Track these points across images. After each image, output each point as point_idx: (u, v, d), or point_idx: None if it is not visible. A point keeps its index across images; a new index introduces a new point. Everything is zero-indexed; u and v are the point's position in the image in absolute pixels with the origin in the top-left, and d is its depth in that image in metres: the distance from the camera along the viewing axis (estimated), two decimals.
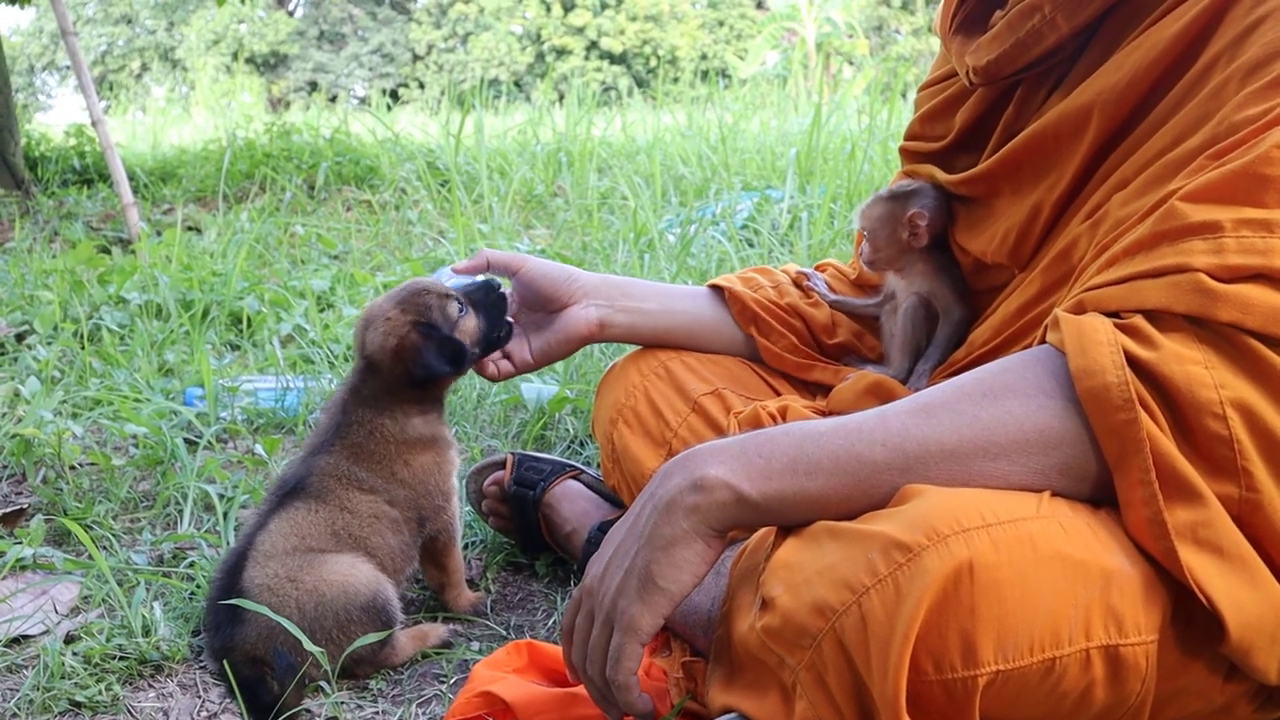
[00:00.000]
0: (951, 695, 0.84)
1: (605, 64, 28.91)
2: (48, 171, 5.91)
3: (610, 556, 1.00)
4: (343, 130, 6.11)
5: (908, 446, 0.91)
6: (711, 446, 0.97)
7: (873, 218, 1.42)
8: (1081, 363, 0.88)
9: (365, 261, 3.82)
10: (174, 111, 12.38)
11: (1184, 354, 0.86)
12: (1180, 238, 0.90)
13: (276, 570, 1.33)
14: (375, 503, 1.43)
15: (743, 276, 1.57)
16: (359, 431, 1.44)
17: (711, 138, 5.01)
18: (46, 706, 1.29)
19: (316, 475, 1.42)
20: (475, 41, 30.11)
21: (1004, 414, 0.90)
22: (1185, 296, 0.88)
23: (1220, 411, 0.85)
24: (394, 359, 1.41)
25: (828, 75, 10.83)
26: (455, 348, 1.42)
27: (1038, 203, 1.20)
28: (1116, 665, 0.85)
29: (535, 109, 6.76)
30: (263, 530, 1.38)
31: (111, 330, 2.84)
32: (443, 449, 1.49)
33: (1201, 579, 0.84)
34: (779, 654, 0.88)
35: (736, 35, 28.84)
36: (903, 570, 0.82)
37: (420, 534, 1.48)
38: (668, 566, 0.94)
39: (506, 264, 1.46)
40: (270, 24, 30.94)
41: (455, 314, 1.44)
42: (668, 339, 1.52)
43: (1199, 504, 0.85)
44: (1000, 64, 1.21)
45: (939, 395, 0.95)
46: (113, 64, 31.57)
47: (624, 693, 0.98)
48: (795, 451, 0.93)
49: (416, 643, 1.43)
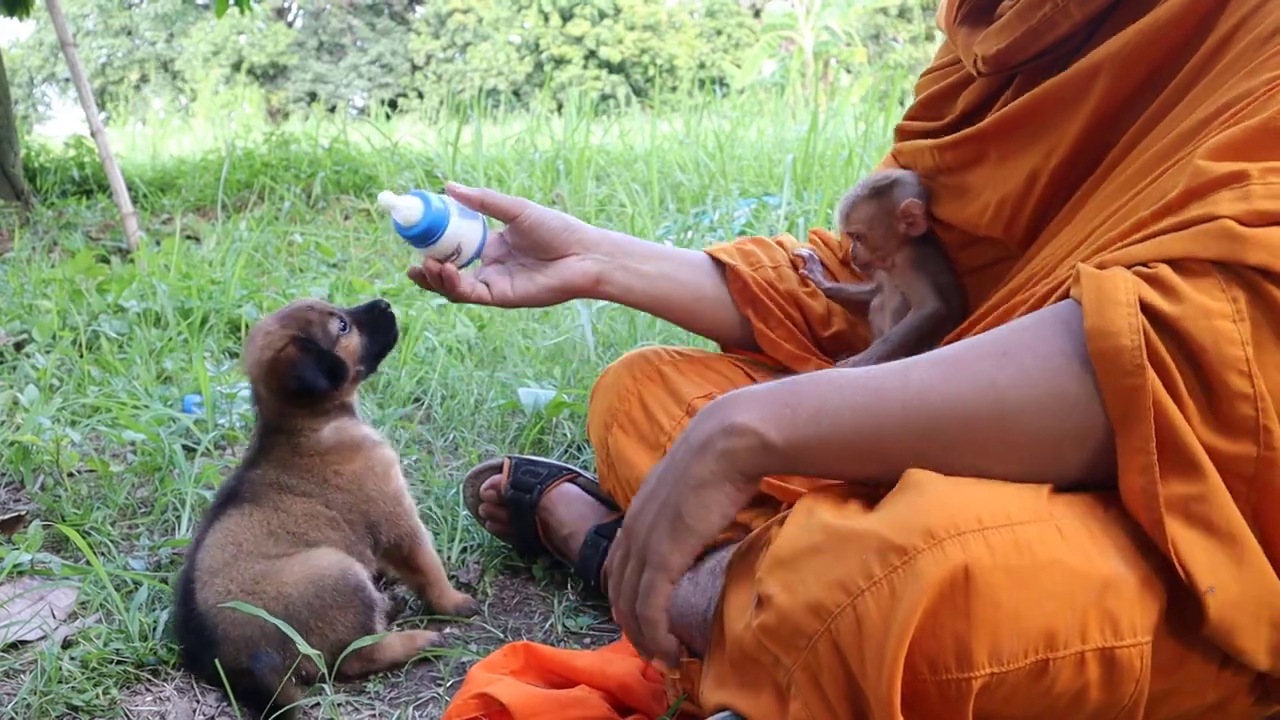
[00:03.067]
0: (945, 697, 0.84)
1: (604, 73, 28.97)
2: (47, 182, 5.92)
3: (648, 495, 1.02)
4: (341, 140, 6.12)
5: (924, 407, 0.91)
6: (745, 392, 0.98)
7: (862, 219, 1.39)
8: (1097, 322, 0.86)
9: (364, 269, 3.82)
10: (173, 122, 12.41)
11: (1211, 307, 0.84)
12: (1207, 191, 0.88)
13: (224, 585, 1.33)
14: (311, 504, 1.42)
15: (743, 250, 1.54)
16: (282, 449, 1.45)
17: (709, 145, 5.02)
18: (44, 711, 1.29)
19: (248, 484, 1.43)
20: (474, 51, 30.19)
21: (1020, 375, 0.89)
22: (1212, 242, 0.86)
23: (1245, 369, 0.83)
24: (269, 373, 1.42)
25: (824, 83, 10.85)
26: (333, 363, 1.43)
27: (1033, 171, 1.17)
28: (1111, 667, 0.85)
29: (534, 118, 6.77)
30: (201, 548, 1.38)
31: (110, 338, 2.84)
32: (369, 450, 1.48)
33: (1185, 554, 0.83)
34: (774, 653, 0.89)
35: (734, 44, 28.91)
36: (898, 574, 0.82)
37: (373, 539, 1.47)
38: (697, 506, 0.96)
39: (504, 209, 1.37)
40: (269, 35, 31.02)
41: (336, 331, 1.46)
42: (662, 307, 1.48)
43: (1196, 478, 0.84)
44: (1010, 52, 1.19)
45: (960, 353, 0.93)
46: (113, 75, 31.66)
47: (651, 628, 1.00)
48: (820, 403, 0.93)
49: (406, 643, 1.43)
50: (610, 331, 2.63)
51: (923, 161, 1.37)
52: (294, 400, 1.44)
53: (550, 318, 2.89)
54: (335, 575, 1.35)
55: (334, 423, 1.47)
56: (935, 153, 1.34)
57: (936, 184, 1.37)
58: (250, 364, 1.45)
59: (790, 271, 1.54)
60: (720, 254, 1.51)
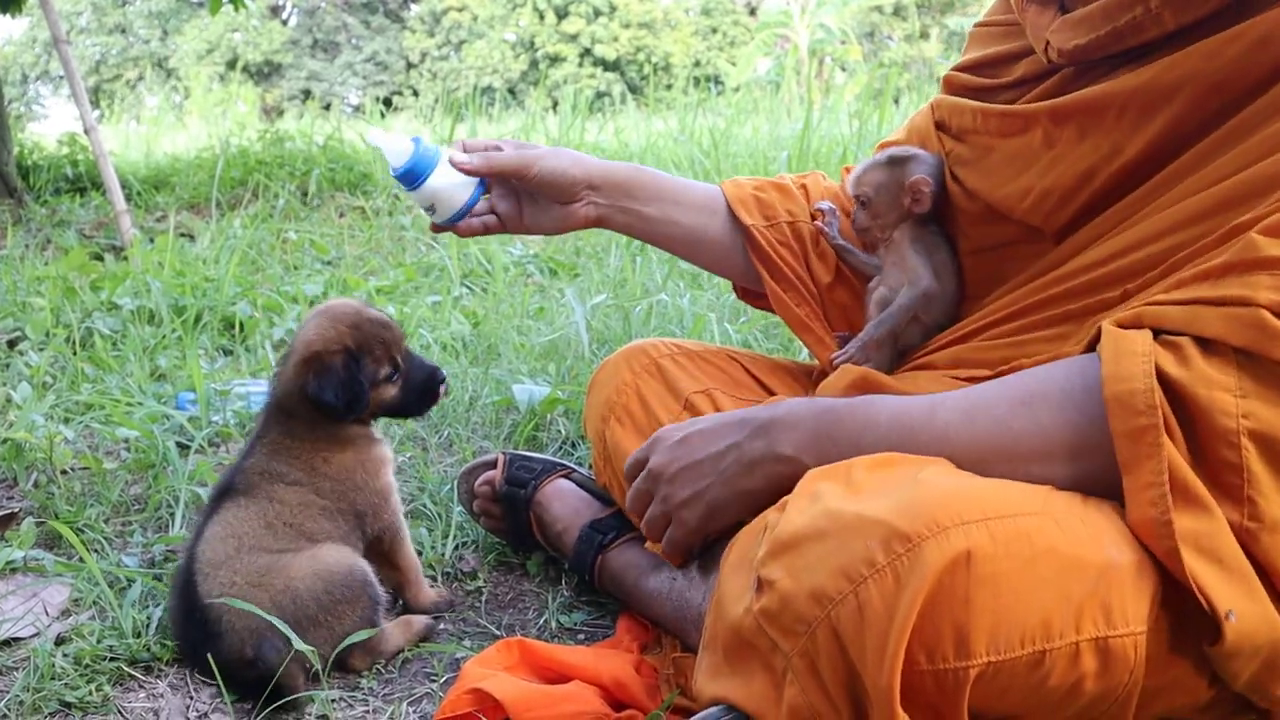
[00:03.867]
0: (942, 686, 0.84)
1: (599, 71, 28.96)
2: (40, 180, 5.89)
3: (685, 463, 1.14)
4: (336, 137, 6.11)
5: (946, 450, 0.98)
6: (792, 416, 1.08)
7: (872, 183, 1.39)
8: (1112, 369, 0.90)
9: (358, 267, 3.82)
10: (168, 120, 12.37)
11: (1215, 378, 0.87)
12: (1249, 270, 0.89)
13: (229, 578, 1.32)
14: (302, 493, 1.42)
15: (760, 199, 1.51)
16: (276, 431, 1.45)
17: (704, 143, 5.02)
18: (37, 707, 1.29)
19: (242, 475, 1.43)
20: (469, 49, 30.16)
21: (1033, 425, 0.96)
22: (1243, 330, 0.88)
23: (1236, 441, 0.87)
24: (303, 363, 1.41)
25: (819, 80, 10.85)
26: (357, 394, 1.42)
27: (1091, 169, 1.15)
28: (1106, 657, 0.86)
29: (529, 116, 6.77)
30: (201, 541, 1.37)
31: (104, 335, 2.83)
32: (363, 446, 1.48)
33: (1203, 582, 0.85)
34: (773, 638, 0.89)
35: (730, 42, 28.91)
36: (901, 561, 0.83)
37: (361, 530, 1.47)
38: (734, 505, 1.11)
39: (511, 172, 1.39)
40: (264, 33, 30.96)
41: (382, 376, 1.45)
42: (665, 245, 1.51)
43: (1205, 516, 0.86)
44: (1088, 50, 1.15)
45: (984, 397, 1.00)
46: (107, 73, 31.58)
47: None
48: (858, 439, 1.02)
49: (404, 631, 1.43)
50: (605, 328, 2.63)
51: (961, 119, 1.34)
52: (301, 401, 1.43)
53: (545, 314, 2.89)
54: (344, 571, 1.35)
55: (333, 426, 1.47)
56: (979, 115, 1.31)
57: (966, 143, 1.34)
58: (299, 341, 1.44)
59: (805, 227, 1.51)
60: (737, 206, 1.50)
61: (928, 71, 14.65)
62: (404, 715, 1.28)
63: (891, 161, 1.38)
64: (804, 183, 1.55)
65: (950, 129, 1.37)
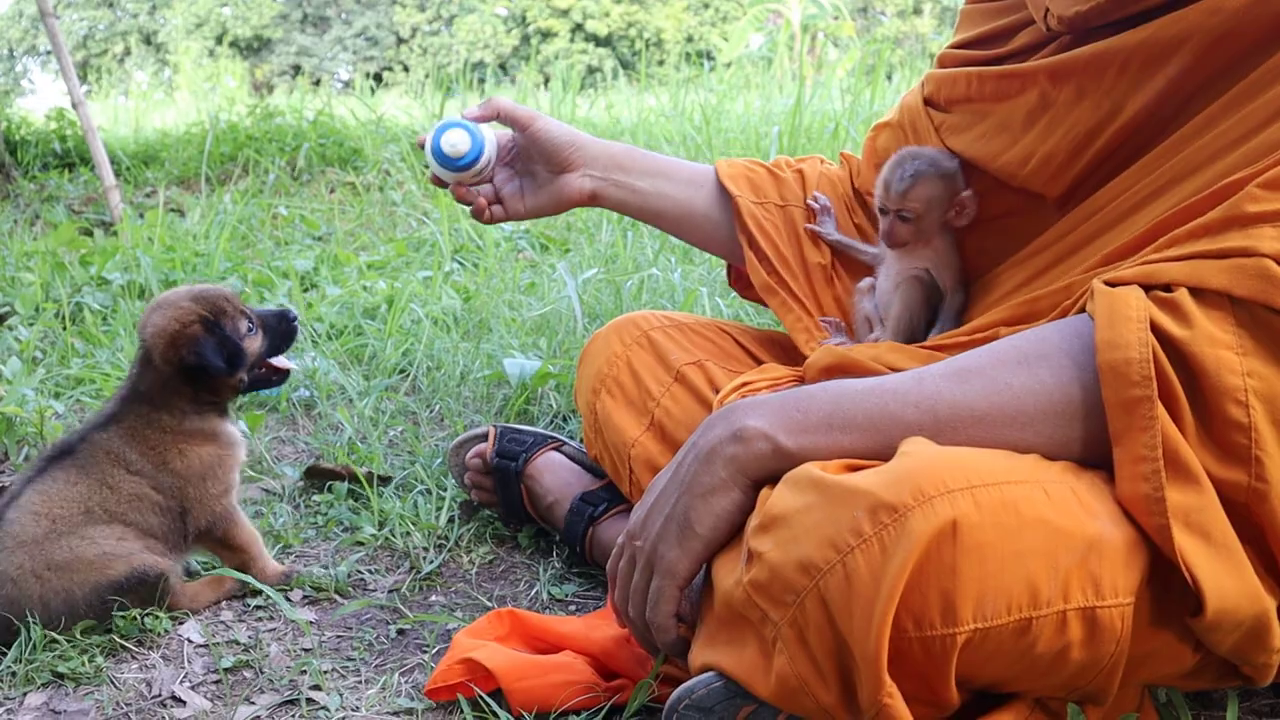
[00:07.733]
0: (930, 653, 0.85)
1: (590, 46, 28.79)
2: (28, 155, 5.85)
3: (653, 503, 1.04)
4: (326, 113, 6.07)
5: (939, 409, 0.93)
6: (753, 400, 1.01)
7: (923, 198, 1.31)
8: (1107, 335, 0.89)
9: (349, 242, 3.81)
10: (156, 95, 12.28)
11: (1217, 336, 0.87)
12: (1250, 224, 0.89)
13: (22, 561, 1.35)
14: (140, 485, 1.44)
15: (752, 180, 1.50)
16: (136, 419, 1.46)
17: (695, 119, 5.00)
18: (29, 679, 1.29)
19: (88, 445, 1.44)
20: (460, 24, 29.96)
21: (1035, 382, 0.93)
22: (1248, 280, 0.87)
23: (1243, 399, 0.86)
24: (170, 344, 1.44)
25: (812, 56, 10.80)
26: (234, 350, 1.47)
27: (1091, 129, 1.13)
28: (1093, 626, 0.86)
29: (520, 91, 6.73)
30: (14, 506, 1.39)
31: (94, 310, 2.83)
32: (225, 445, 1.52)
33: (1190, 559, 0.86)
34: (763, 608, 0.89)
35: (722, 17, 28.74)
36: (888, 530, 0.83)
37: (183, 527, 1.48)
38: (705, 514, 0.98)
39: (516, 118, 1.44)
40: (254, 7, 30.70)
41: (244, 330, 1.50)
42: (656, 221, 1.52)
43: (1196, 490, 0.86)
44: (1089, 16, 1.13)
45: (975, 360, 0.96)
46: (95, 48, 31.31)
47: (662, 633, 1.02)
48: (832, 407, 0.96)
49: (214, 588, 1.49)
50: (596, 303, 2.63)
51: (953, 89, 1.33)
52: (187, 378, 1.45)
53: (536, 289, 2.89)
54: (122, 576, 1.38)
55: (205, 414, 1.50)
56: (974, 80, 1.29)
57: (956, 112, 1.33)
58: (150, 331, 1.46)
59: (797, 212, 1.50)
60: (726, 180, 1.49)
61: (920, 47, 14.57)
62: (396, 685, 1.29)
63: (944, 175, 1.31)
64: (800, 168, 1.54)
65: (939, 102, 1.36)
